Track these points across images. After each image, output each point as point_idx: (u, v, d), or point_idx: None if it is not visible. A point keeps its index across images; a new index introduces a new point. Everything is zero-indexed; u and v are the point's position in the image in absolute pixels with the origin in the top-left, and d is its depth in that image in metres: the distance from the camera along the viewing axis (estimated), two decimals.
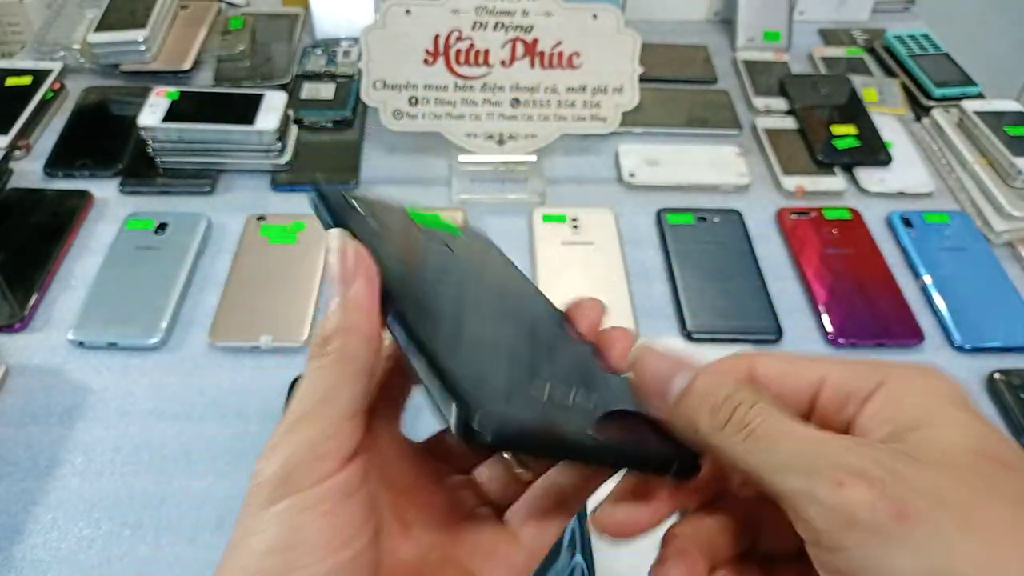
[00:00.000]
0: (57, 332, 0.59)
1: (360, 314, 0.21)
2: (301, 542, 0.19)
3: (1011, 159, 0.72)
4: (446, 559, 0.23)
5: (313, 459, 0.20)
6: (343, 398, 0.21)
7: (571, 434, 0.20)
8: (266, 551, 0.19)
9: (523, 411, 0.20)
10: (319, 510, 0.20)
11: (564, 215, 0.70)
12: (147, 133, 0.70)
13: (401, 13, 0.66)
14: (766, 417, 0.20)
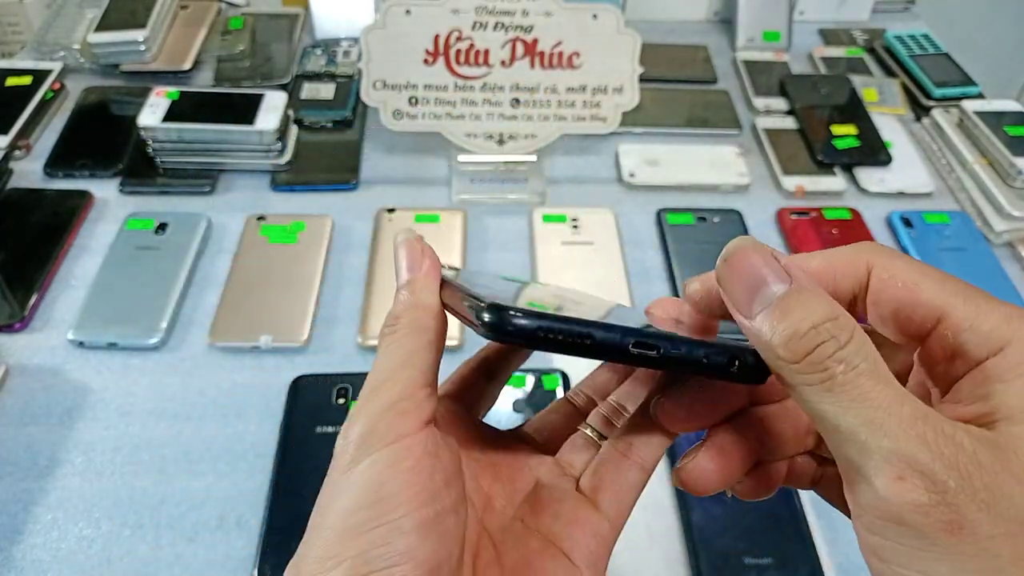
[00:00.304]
0: (57, 332, 0.59)
1: (428, 292, 0.23)
2: (385, 496, 0.20)
3: (1011, 159, 0.72)
4: (529, 529, 0.24)
5: (393, 417, 0.21)
6: (417, 365, 0.22)
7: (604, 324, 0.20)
8: (352, 508, 0.20)
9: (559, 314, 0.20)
10: (401, 466, 0.20)
11: (564, 215, 0.70)
12: (147, 133, 0.70)
13: (401, 13, 0.66)
14: (849, 367, 0.17)
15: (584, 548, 0.23)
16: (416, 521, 0.20)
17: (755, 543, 0.48)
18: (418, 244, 0.24)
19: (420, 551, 0.20)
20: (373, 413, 0.21)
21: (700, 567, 0.47)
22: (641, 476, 0.25)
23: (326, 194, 0.72)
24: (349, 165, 0.74)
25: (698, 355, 0.20)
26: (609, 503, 0.24)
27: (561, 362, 0.58)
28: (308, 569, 0.20)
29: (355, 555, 0.19)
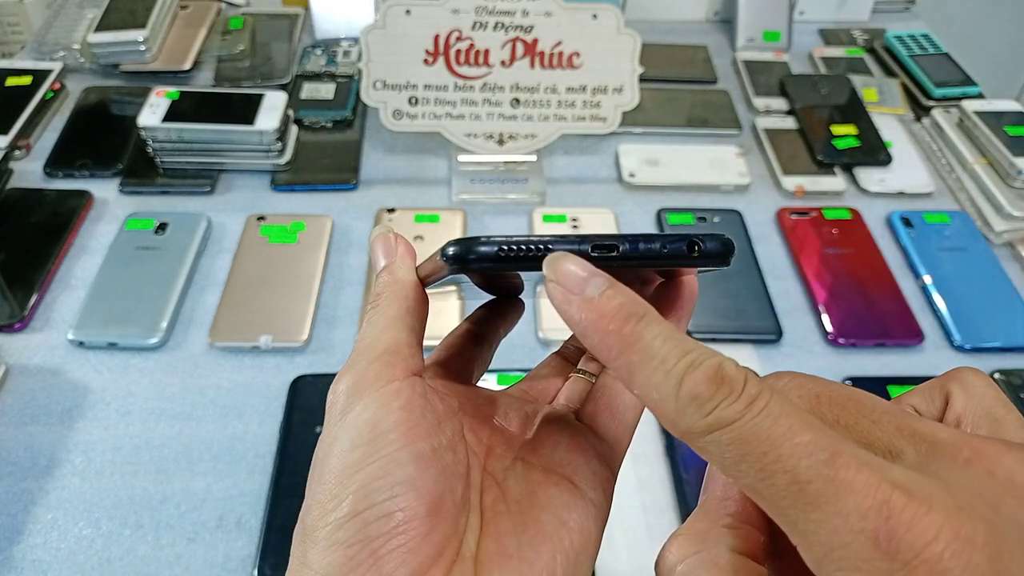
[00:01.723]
0: (57, 332, 0.59)
1: (404, 269, 0.24)
2: (380, 433, 0.20)
3: (1011, 159, 0.72)
4: (531, 464, 0.24)
5: (379, 367, 0.22)
6: (400, 327, 0.23)
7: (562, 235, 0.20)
8: (348, 448, 0.20)
9: None
10: (393, 405, 0.21)
11: (564, 215, 0.70)
12: (147, 133, 0.70)
13: (401, 13, 0.66)
14: None
15: (587, 471, 0.23)
16: (413, 453, 0.20)
17: None
18: (391, 235, 0.25)
19: (421, 481, 0.20)
20: (360, 367, 0.22)
21: None
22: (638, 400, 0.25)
23: (326, 194, 0.72)
24: (349, 165, 0.74)
25: (656, 247, 0.21)
26: (608, 426, 0.25)
27: None
28: (312, 517, 0.20)
29: (356, 490, 0.19)
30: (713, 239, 0.21)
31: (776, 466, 0.15)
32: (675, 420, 0.16)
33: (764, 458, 0.15)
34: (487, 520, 0.22)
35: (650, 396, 0.17)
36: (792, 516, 0.15)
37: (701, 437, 0.16)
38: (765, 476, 0.15)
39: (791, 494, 0.15)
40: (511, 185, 0.73)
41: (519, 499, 0.23)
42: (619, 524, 0.50)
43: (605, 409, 0.25)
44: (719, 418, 0.16)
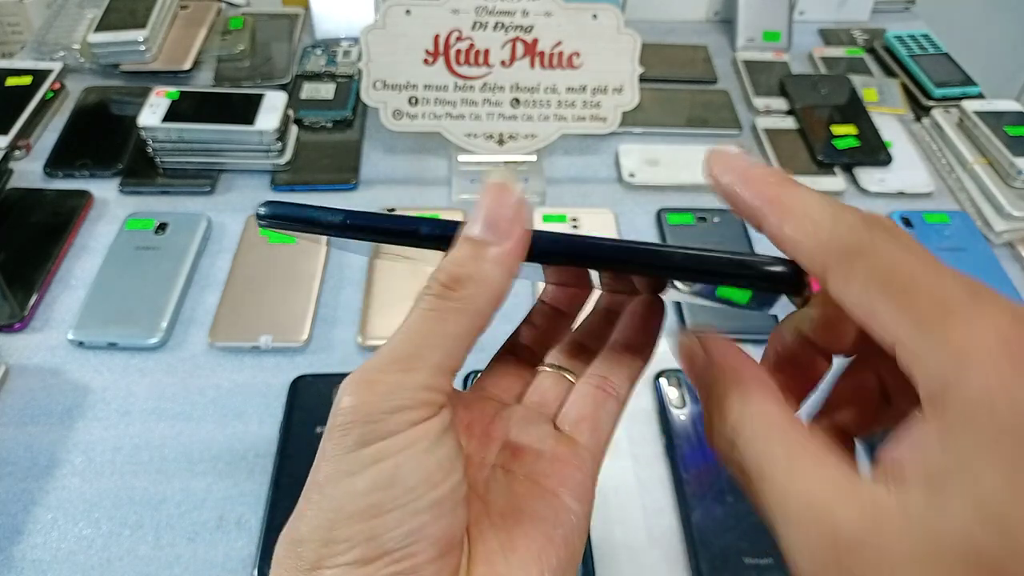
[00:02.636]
0: (57, 332, 0.59)
1: (504, 271, 0.20)
2: (400, 480, 0.19)
3: (1011, 159, 0.72)
4: (513, 475, 0.23)
5: (413, 404, 0.19)
6: (454, 349, 0.20)
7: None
8: (364, 490, 0.19)
9: None
10: (417, 448, 0.19)
11: (564, 215, 0.70)
12: (147, 133, 0.70)
13: (401, 13, 0.66)
14: None
15: (570, 482, 0.23)
16: (431, 501, 0.19)
17: (755, 543, 0.48)
18: (518, 202, 0.20)
19: (435, 529, 0.19)
20: (388, 392, 0.19)
21: (700, 567, 0.47)
22: (617, 407, 0.25)
23: (326, 194, 0.72)
24: (349, 165, 0.74)
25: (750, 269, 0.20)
26: (588, 436, 0.24)
27: None
28: (314, 551, 0.19)
29: (368, 538, 0.19)
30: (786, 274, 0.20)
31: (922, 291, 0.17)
32: (828, 244, 0.18)
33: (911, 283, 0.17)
34: (474, 539, 0.22)
35: (804, 229, 0.18)
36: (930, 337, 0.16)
37: (853, 262, 0.17)
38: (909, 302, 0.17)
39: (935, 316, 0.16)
40: None
41: (504, 513, 0.22)
42: (619, 524, 0.50)
43: (587, 418, 0.25)
44: (873, 240, 0.17)
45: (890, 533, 0.15)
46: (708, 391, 0.21)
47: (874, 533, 0.16)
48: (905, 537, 0.15)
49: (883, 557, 0.15)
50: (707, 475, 0.51)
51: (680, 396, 0.56)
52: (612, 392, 0.25)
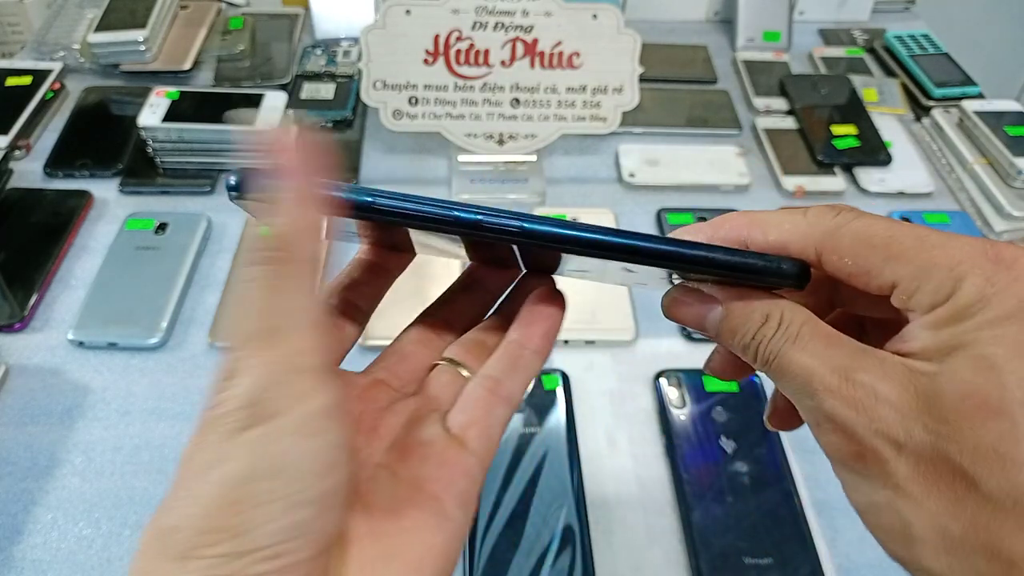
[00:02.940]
0: (57, 332, 0.59)
1: (314, 212, 0.20)
2: (284, 469, 0.18)
3: (1011, 159, 0.72)
4: (398, 476, 0.23)
5: (287, 377, 0.18)
6: (307, 305, 0.19)
7: None
8: (243, 478, 0.18)
9: None
10: (303, 433, 0.18)
11: (564, 215, 0.70)
12: (147, 133, 0.70)
13: (401, 13, 0.66)
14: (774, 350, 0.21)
15: (454, 488, 0.22)
16: (315, 495, 0.18)
17: (755, 543, 0.48)
18: (297, 148, 0.20)
19: (318, 525, 0.19)
20: (261, 374, 0.18)
21: (700, 567, 0.47)
22: (508, 411, 0.24)
23: None
24: (349, 165, 0.74)
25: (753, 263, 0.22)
26: (478, 441, 0.24)
27: (560, 362, 0.58)
28: (185, 540, 0.18)
29: (245, 530, 0.17)
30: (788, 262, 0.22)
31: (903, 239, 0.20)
32: (810, 233, 0.22)
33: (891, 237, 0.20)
34: (351, 541, 0.21)
35: (786, 230, 0.22)
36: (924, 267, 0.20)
37: (837, 238, 0.21)
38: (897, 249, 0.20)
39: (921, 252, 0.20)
40: (511, 185, 0.73)
41: (385, 519, 0.21)
42: (619, 524, 0.50)
43: (477, 423, 0.24)
44: (844, 217, 0.21)
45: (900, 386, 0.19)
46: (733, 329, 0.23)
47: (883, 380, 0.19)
48: (911, 385, 0.19)
49: (895, 399, 0.19)
50: (707, 475, 0.51)
51: (680, 396, 0.56)
52: (504, 395, 0.24)
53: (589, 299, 0.61)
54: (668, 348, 0.60)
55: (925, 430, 0.19)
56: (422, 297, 0.29)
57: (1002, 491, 0.18)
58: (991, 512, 0.18)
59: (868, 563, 0.48)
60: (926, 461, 0.19)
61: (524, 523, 0.48)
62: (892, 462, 0.19)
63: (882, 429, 0.19)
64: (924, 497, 0.19)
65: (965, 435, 0.18)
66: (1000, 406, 0.18)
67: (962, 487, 0.18)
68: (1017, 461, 0.18)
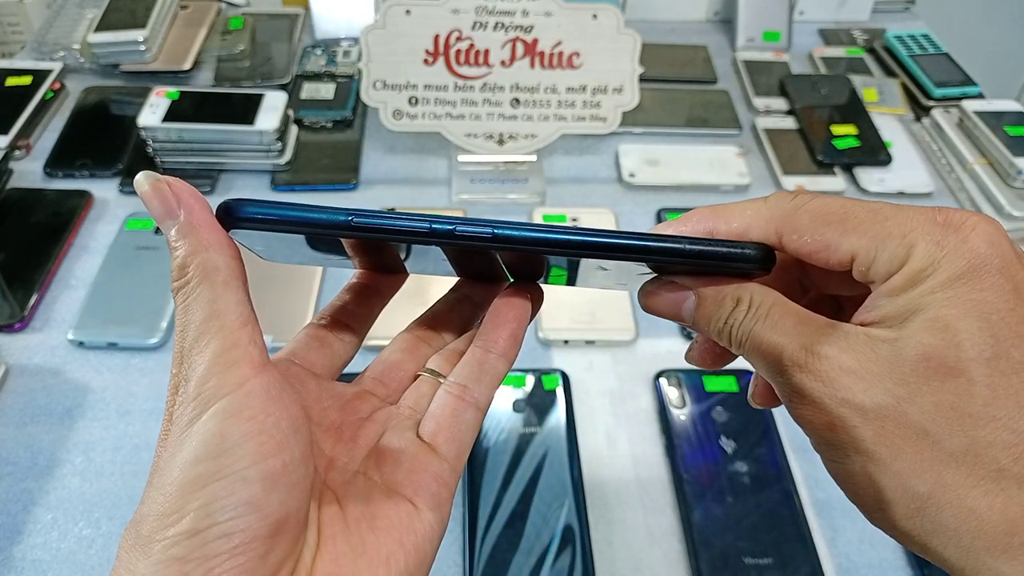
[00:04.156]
0: (57, 332, 0.59)
1: (205, 229, 0.22)
2: (228, 448, 0.19)
3: (1011, 159, 0.72)
4: (373, 482, 0.24)
5: (223, 369, 0.20)
6: (227, 309, 0.21)
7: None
8: (193, 460, 0.19)
9: None
10: (243, 415, 0.20)
11: (564, 215, 0.70)
12: (147, 133, 0.70)
13: (401, 13, 0.66)
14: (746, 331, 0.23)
15: (427, 492, 0.24)
16: (262, 471, 0.19)
17: (755, 543, 0.48)
18: (163, 184, 0.22)
19: (266, 502, 0.19)
20: (199, 371, 0.20)
21: (700, 567, 0.47)
22: (476, 415, 0.25)
23: (326, 194, 0.72)
24: (349, 165, 0.74)
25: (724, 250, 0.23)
26: (447, 446, 0.25)
27: (560, 362, 0.58)
28: (148, 527, 0.19)
29: (197, 508, 0.19)
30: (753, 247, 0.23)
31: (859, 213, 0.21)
32: (771, 216, 0.23)
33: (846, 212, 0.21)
34: (325, 538, 0.22)
35: (748, 216, 0.23)
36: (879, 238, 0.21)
37: (796, 218, 0.22)
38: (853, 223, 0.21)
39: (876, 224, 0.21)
40: (511, 185, 0.73)
41: (359, 518, 0.23)
42: (619, 524, 0.50)
43: (446, 428, 0.25)
44: (801, 199, 0.22)
45: (862, 355, 0.20)
46: (708, 316, 0.24)
47: (845, 352, 0.20)
48: (871, 353, 0.20)
49: (856, 367, 0.20)
50: (707, 475, 0.51)
51: (680, 396, 0.56)
52: (471, 401, 0.25)
53: (589, 299, 0.61)
54: (668, 348, 0.60)
55: (887, 394, 0.19)
56: (421, 298, 0.29)
57: (961, 446, 0.19)
58: (954, 468, 0.19)
59: (868, 563, 0.48)
60: (890, 424, 0.19)
61: (524, 523, 0.48)
62: (860, 428, 0.20)
63: (847, 397, 0.20)
64: (891, 459, 0.20)
65: (924, 395, 0.19)
66: (956, 365, 0.19)
67: (925, 446, 0.19)
68: (973, 416, 0.19)
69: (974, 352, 0.19)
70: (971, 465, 0.19)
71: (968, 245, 0.19)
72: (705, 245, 0.22)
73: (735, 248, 0.22)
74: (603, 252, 0.22)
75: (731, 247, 0.22)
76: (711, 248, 0.22)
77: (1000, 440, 0.19)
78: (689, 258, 0.22)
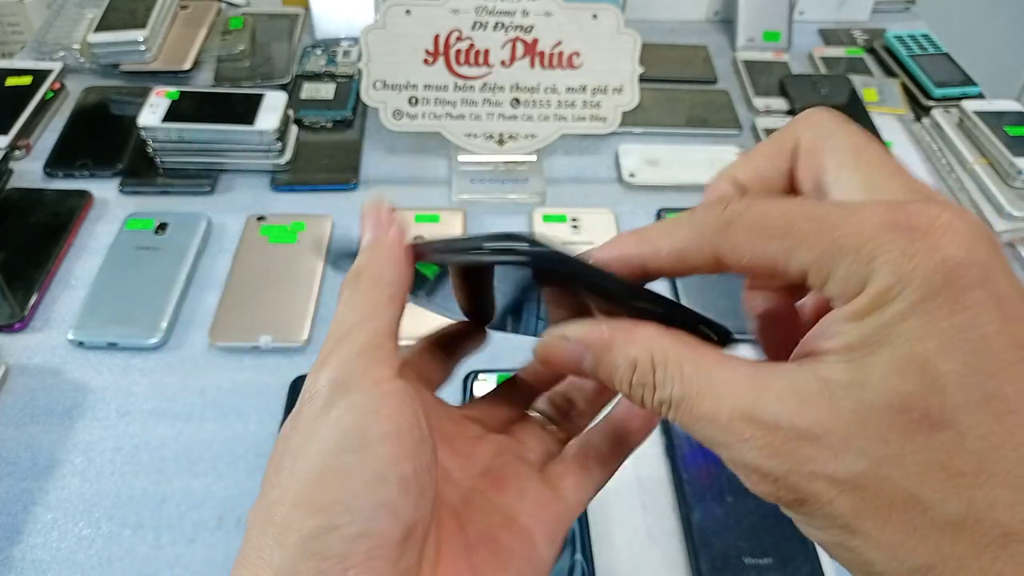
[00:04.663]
0: (57, 332, 0.59)
1: (393, 249, 0.23)
2: (368, 444, 0.19)
3: (1011, 159, 0.72)
4: (490, 503, 0.24)
5: (366, 363, 0.20)
6: (383, 316, 0.22)
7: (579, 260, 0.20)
8: (334, 450, 0.19)
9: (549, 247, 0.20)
10: (383, 412, 0.20)
11: (564, 215, 0.70)
12: (147, 133, 0.70)
13: (401, 13, 0.66)
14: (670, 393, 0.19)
15: (546, 527, 0.24)
16: (398, 474, 0.19)
17: (755, 543, 0.48)
18: (383, 208, 0.24)
19: (401, 506, 0.19)
20: (345, 359, 0.21)
21: (700, 567, 0.47)
22: (604, 474, 0.25)
23: (326, 194, 0.72)
24: (349, 165, 0.74)
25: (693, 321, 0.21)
26: (571, 492, 0.25)
27: None
28: (283, 514, 0.19)
29: (337, 500, 0.19)
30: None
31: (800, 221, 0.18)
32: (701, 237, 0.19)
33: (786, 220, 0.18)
34: (445, 554, 0.22)
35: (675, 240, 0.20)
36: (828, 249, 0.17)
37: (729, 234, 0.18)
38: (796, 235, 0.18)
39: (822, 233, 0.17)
40: (511, 185, 0.73)
41: (480, 540, 0.22)
42: (619, 524, 0.50)
43: (571, 476, 0.25)
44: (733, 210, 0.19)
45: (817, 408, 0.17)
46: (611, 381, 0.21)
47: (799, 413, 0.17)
48: (833, 408, 0.16)
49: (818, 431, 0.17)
50: (707, 475, 0.51)
51: None
52: (599, 460, 0.26)
53: None
54: None
55: (862, 457, 0.16)
56: None
57: (958, 512, 0.16)
58: (952, 537, 0.16)
59: None
60: (871, 492, 0.16)
61: None
62: (835, 502, 0.17)
63: (814, 470, 0.17)
64: (878, 532, 0.17)
65: (908, 456, 0.16)
66: (941, 416, 0.16)
67: (916, 514, 0.16)
68: (968, 474, 0.16)
69: (961, 397, 0.16)
70: (972, 532, 0.16)
71: (940, 253, 0.16)
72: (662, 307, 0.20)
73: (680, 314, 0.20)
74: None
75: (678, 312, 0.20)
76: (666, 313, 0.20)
77: (1002, 500, 0.16)
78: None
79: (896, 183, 0.19)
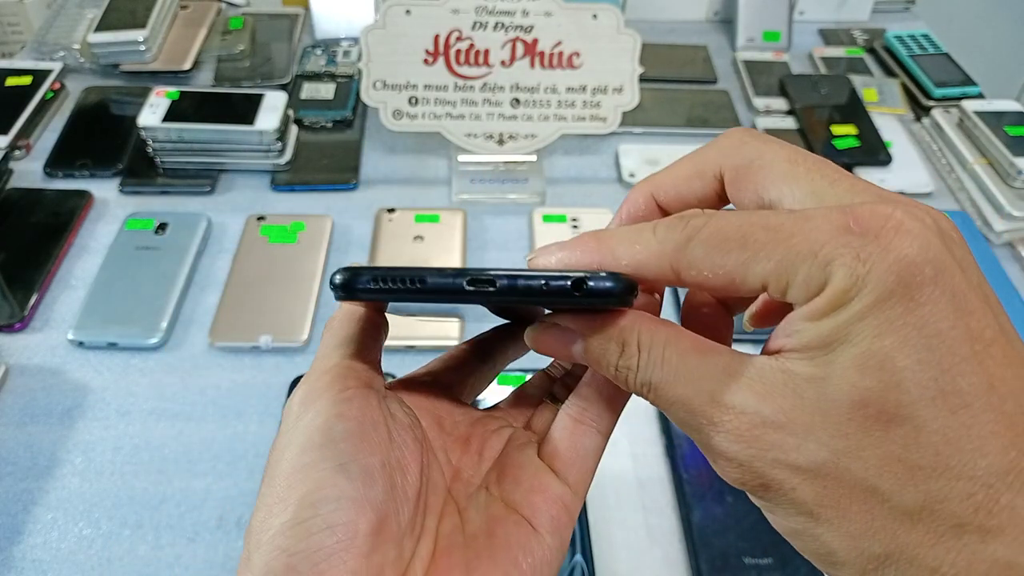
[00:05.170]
0: (57, 332, 0.59)
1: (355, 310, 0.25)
2: (330, 440, 0.21)
3: (1011, 159, 0.72)
4: (493, 496, 0.24)
5: (332, 378, 0.22)
6: (352, 345, 0.24)
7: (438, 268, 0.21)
8: (299, 452, 0.21)
9: None
10: (346, 413, 0.21)
11: (564, 215, 0.70)
12: (147, 133, 0.70)
13: (401, 13, 0.66)
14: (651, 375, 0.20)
15: (545, 514, 0.23)
16: (361, 467, 0.20)
17: (755, 543, 0.48)
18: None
19: (366, 498, 0.20)
20: (313, 380, 0.22)
21: (700, 567, 0.47)
22: (598, 440, 0.24)
23: (326, 194, 0.72)
24: (349, 165, 0.74)
25: (538, 283, 0.20)
26: (567, 469, 0.24)
27: None
28: (259, 517, 0.20)
29: (301, 496, 0.19)
30: (606, 278, 0.19)
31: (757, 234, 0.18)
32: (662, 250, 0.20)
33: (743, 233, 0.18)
34: (440, 549, 0.22)
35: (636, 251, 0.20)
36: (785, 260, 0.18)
37: (688, 249, 0.19)
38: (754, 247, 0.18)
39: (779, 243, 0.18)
40: (511, 185, 0.73)
41: (476, 533, 0.22)
42: (619, 524, 0.50)
43: (565, 452, 0.24)
44: (692, 224, 0.19)
45: (783, 398, 0.18)
46: (599, 365, 0.21)
47: (764, 401, 0.18)
48: (796, 398, 0.18)
49: (782, 419, 0.18)
50: (707, 475, 0.51)
51: None
52: (592, 424, 0.24)
53: None
54: None
55: (824, 448, 0.17)
56: None
57: (915, 502, 0.17)
58: (909, 527, 0.17)
59: None
60: (832, 482, 0.17)
61: None
62: (797, 489, 0.18)
63: (778, 457, 0.18)
64: (839, 520, 0.18)
65: (867, 448, 0.17)
66: (898, 411, 0.17)
67: (875, 504, 0.17)
68: (924, 468, 0.16)
69: (917, 392, 0.16)
70: (928, 522, 0.17)
71: (893, 253, 0.16)
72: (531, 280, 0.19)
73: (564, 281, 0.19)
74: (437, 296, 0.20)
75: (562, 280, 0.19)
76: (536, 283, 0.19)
77: (956, 492, 0.16)
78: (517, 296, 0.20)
79: (841, 187, 0.19)
